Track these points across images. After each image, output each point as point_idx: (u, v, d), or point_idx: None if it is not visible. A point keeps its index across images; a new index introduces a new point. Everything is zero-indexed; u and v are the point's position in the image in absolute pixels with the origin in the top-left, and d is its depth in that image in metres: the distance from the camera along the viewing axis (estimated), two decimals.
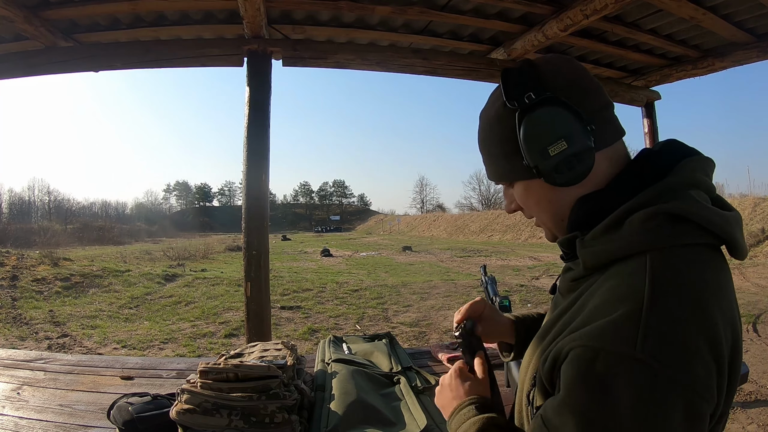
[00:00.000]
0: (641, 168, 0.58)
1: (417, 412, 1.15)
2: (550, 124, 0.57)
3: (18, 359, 1.60)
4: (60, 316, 6.41)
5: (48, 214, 61.86)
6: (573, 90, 0.59)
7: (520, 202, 0.68)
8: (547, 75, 0.60)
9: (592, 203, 0.59)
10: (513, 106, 0.60)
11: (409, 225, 52.96)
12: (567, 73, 0.61)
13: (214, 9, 2.12)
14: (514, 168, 0.64)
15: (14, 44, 2.26)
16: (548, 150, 0.57)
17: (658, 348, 0.42)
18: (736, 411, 3.03)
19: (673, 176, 0.55)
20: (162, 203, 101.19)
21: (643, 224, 0.51)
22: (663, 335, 0.43)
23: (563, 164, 0.57)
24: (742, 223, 0.56)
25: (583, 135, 0.57)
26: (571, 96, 0.58)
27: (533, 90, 0.59)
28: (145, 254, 17.51)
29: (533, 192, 0.64)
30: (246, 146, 2.17)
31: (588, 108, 0.58)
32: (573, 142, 0.56)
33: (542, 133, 0.57)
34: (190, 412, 0.97)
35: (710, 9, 2.10)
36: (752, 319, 5.67)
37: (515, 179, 0.65)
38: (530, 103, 0.58)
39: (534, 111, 0.58)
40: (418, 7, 2.14)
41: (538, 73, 0.60)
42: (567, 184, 0.59)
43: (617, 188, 0.58)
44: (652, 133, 3.07)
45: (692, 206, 0.51)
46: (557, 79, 0.60)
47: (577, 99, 0.58)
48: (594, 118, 0.58)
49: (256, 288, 2.14)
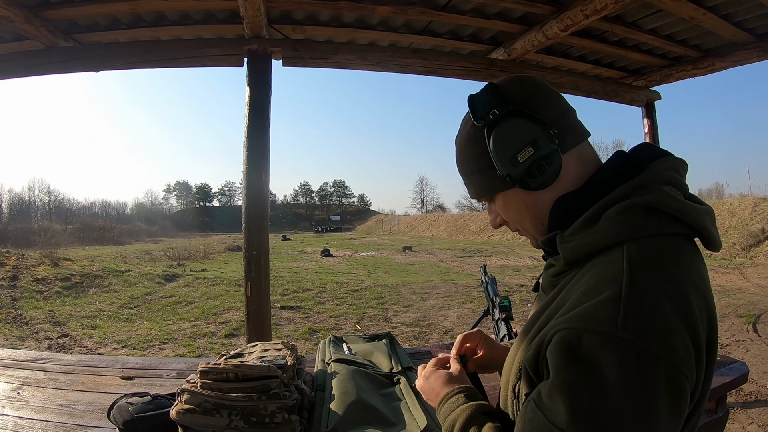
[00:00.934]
0: (614, 168, 0.62)
1: (417, 412, 1.15)
2: (515, 134, 0.62)
3: (18, 359, 1.60)
4: (60, 316, 6.41)
5: (48, 214, 61.86)
6: (534, 101, 0.64)
7: (502, 214, 0.71)
8: (509, 91, 0.65)
9: (568, 202, 0.62)
10: (481, 124, 0.65)
11: (409, 225, 52.95)
12: (527, 87, 0.66)
13: (214, 9, 2.12)
14: (490, 181, 0.67)
15: (14, 44, 2.26)
16: (517, 157, 0.61)
17: (639, 327, 0.45)
18: (736, 411, 3.03)
19: (646, 174, 0.58)
20: (162, 203, 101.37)
21: (618, 217, 0.54)
22: (643, 315, 0.46)
23: (533, 168, 0.61)
24: (715, 217, 0.59)
25: (547, 139, 0.61)
26: (533, 106, 0.63)
27: (497, 107, 0.63)
28: (145, 254, 17.51)
29: (512, 201, 0.67)
30: (246, 146, 2.17)
31: (549, 115, 0.63)
32: (539, 147, 0.60)
33: (509, 143, 0.62)
34: (190, 412, 0.97)
35: (710, 9, 2.10)
36: (752, 319, 5.67)
37: (494, 192, 0.69)
38: (495, 118, 0.63)
39: (500, 124, 0.63)
40: (418, 7, 2.14)
41: (500, 92, 0.65)
42: (541, 187, 0.62)
43: (592, 187, 0.61)
44: (652, 133, 3.06)
45: (665, 198, 0.54)
46: (518, 94, 0.64)
47: (538, 108, 0.63)
48: (556, 123, 0.63)
49: (256, 288, 2.14)
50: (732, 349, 4.54)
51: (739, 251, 13.54)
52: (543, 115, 0.62)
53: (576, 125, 0.66)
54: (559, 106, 0.65)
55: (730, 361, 1.71)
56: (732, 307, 6.42)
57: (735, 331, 5.28)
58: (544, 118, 0.62)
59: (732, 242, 14.14)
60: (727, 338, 4.97)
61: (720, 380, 1.52)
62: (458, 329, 5.56)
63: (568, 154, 0.63)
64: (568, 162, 0.62)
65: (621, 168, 0.61)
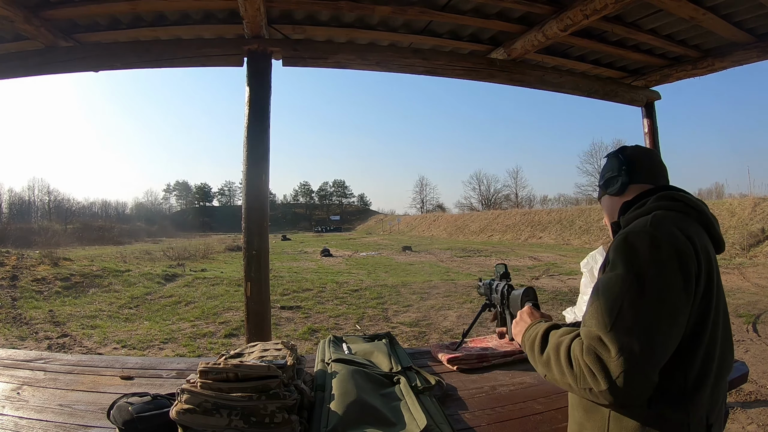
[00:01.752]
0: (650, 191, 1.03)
1: (417, 412, 1.15)
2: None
3: (18, 359, 1.60)
4: (60, 316, 6.41)
5: (48, 213, 61.80)
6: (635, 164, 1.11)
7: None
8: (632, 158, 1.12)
9: (628, 203, 1.05)
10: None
11: (409, 225, 52.96)
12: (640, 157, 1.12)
13: (214, 9, 2.12)
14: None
15: (14, 44, 2.26)
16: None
17: (659, 229, 0.86)
18: (735, 411, 3.03)
19: (667, 192, 1.00)
20: (162, 203, 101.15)
21: (654, 200, 0.98)
22: (661, 225, 0.87)
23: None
24: (718, 224, 1.00)
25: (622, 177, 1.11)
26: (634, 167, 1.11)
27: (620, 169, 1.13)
28: (145, 254, 17.52)
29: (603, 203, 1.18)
30: (246, 146, 2.17)
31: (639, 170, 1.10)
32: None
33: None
34: (190, 412, 0.97)
35: (710, 9, 2.10)
36: (752, 319, 5.67)
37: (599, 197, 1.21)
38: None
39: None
40: (418, 7, 2.14)
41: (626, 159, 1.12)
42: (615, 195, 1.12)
43: (640, 197, 1.04)
44: (652, 133, 3.06)
45: (682, 193, 0.99)
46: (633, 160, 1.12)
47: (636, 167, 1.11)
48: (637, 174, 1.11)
49: (256, 288, 2.14)
50: None
51: (738, 251, 13.54)
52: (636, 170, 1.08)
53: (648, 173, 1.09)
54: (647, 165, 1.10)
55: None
56: (732, 307, 6.42)
57: (735, 331, 5.28)
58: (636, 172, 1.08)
59: (732, 242, 14.15)
60: None
61: None
62: (458, 329, 5.56)
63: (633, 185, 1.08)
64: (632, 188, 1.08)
65: (654, 191, 1.01)
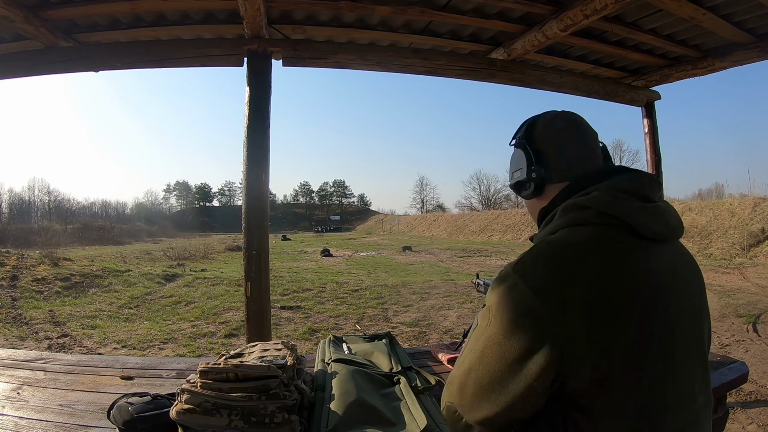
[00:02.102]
0: (572, 190, 0.81)
1: (417, 412, 1.15)
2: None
3: (18, 359, 1.60)
4: (60, 316, 6.41)
5: (48, 214, 61.77)
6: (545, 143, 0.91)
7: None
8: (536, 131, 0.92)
9: (544, 210, 0.85)
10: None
11: (409, 225, 52.94)
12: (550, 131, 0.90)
13: (214, 9, 2.12)
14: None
15: (14, 44, 2.26)
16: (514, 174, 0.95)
17: (524, 272, 0.69)
18: (736, 411, 3.03)
19: (597, 185, 0.76)
20: (162, 203, 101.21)
21: (560, 214, 0.76)
22: (534, 264, 0.69)
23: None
24: (668, 214, 0.75)
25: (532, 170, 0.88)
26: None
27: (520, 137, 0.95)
28: (145, 254, 17.51)
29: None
30: (246, 146, 2.17)
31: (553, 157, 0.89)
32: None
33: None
34: (190, 412, 0.97)
35: (710, 9, 2.10)
36: (752, 319, 5.67)
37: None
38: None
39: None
40: (418, 7, 2.14)
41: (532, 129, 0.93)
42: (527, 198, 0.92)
43: (554, 202, 0.83)
44: (652, 133, 3.06)
45: (592, 198, 0.72)
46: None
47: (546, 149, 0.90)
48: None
49: (256, 288, 2.14)
50: (732, 349, 4.54)
51: (738, 251, 13.53)
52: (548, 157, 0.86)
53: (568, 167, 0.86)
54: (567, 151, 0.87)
55: (730, 361, 1.71)
56: (732, 307, 6.43)
57: (735, 331, 5.29)
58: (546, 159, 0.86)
59: (732, 242, 14.15)
60: (727, 338, 4.98)
61: (720, 380, 1.52)
62: (458, 329, 5.56)
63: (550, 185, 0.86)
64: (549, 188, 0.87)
65: (580, 187, 0.78)
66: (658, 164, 3.05)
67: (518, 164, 0.88)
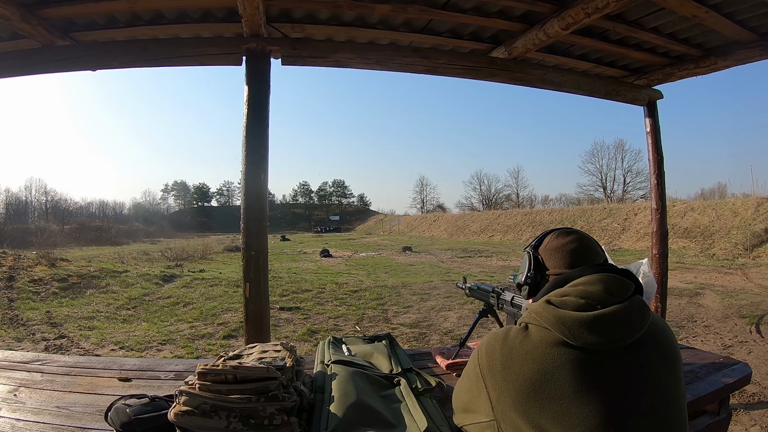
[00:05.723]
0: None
1: (417, 414, 1.14)
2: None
3: (15, 361, 1.59)
4: (57, 317, 6.38)
5: (45, 214, 61.55)
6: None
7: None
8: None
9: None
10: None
11: (409, 225, 52.99)
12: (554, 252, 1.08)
13: (212, 7, 2.11)
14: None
15: (11, 43, 2.25)
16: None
17: (481, 346, 0.95)
18: (738, 413, 3.02)
19: (558, 290, 0.92)
20: (160, 203, 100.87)
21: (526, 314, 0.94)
22: (484, 345, 0.95)
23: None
24: (609, 322, 0.81)
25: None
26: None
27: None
28: (143, 255, 17.47)
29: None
30: (245, 146, 2.15)
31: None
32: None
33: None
34: (188, 414, 0.96)
35: (713, 7, 2.09)
36: (755, 320, 5.66)
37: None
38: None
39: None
40: (418, 6, 2.13)
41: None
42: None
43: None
44: (654, 132, 3.05)
45: (537, 313, 0.88)
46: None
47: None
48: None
49: (255, 289, 2.13)
50: (735, 350, 4.53)
51: (741, 251, 13.53)
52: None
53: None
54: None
55: (733, 363, 1.69)
56: (735, 308, 6.42)
57: (738, 331, 5.28)
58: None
59: (735, 242, 14.15)
60: (730, 339, 4.97)
61: (723, 381, 1.51)
62: (459, 330, 5.55)
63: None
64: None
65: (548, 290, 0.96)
66: (660, 164, 3.05)
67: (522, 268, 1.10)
